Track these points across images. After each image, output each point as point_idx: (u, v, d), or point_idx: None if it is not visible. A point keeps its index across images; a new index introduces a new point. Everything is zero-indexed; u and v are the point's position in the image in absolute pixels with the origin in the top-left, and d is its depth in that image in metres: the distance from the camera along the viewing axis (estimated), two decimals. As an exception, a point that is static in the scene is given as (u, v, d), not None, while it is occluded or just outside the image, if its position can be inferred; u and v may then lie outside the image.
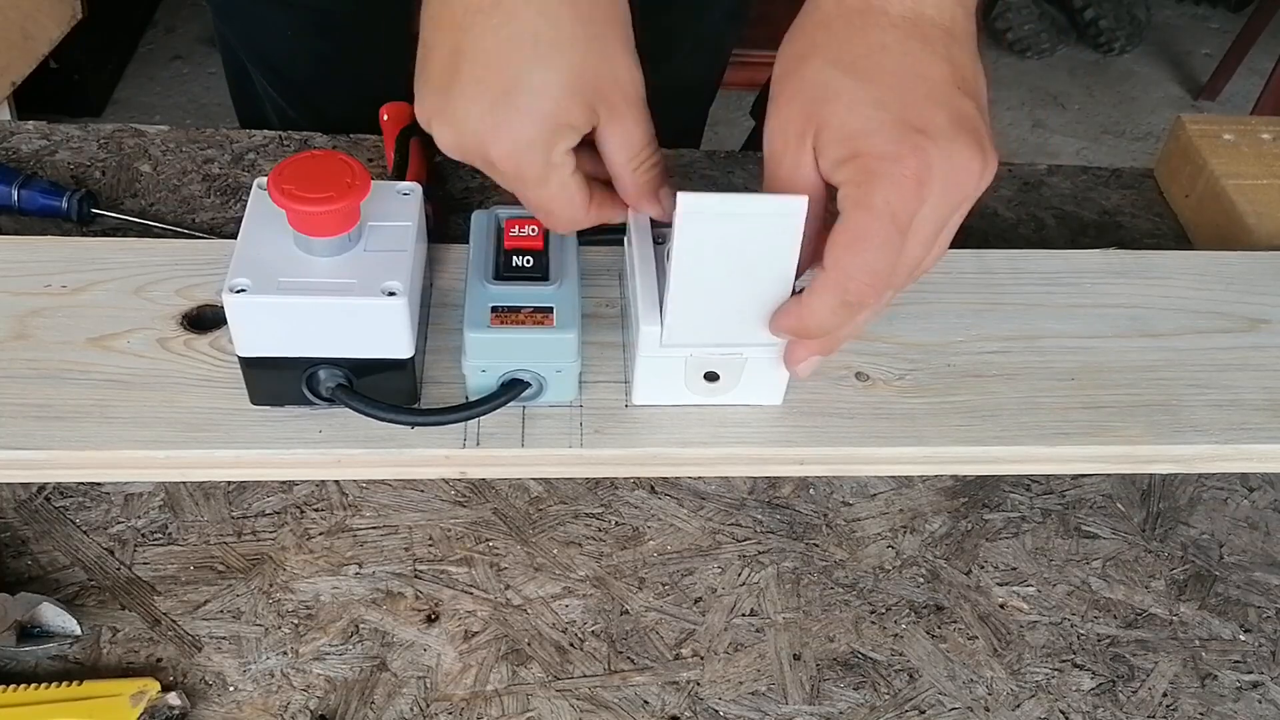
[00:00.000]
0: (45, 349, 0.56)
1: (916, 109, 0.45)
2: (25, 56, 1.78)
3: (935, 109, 0.46)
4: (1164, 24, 2.74)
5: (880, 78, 0.46)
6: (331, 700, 0.51)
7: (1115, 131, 2.44)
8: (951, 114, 0.46)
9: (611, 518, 0.59)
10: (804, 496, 0.60)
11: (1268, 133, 0.77)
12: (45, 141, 0.76)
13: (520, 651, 0.53)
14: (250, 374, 0.53)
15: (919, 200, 0.45)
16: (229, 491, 0.58)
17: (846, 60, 0.46)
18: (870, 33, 0.47)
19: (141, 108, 2.28)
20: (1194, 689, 0.54)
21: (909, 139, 0.45)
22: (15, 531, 0.56)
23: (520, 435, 0.54)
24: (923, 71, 0.46)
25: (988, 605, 0.57)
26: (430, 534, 0.57)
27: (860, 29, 0.47)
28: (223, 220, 0.71)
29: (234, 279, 0.50)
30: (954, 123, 0.46)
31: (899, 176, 0.45)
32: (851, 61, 0.46)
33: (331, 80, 0.85)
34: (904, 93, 0.46)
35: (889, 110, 0.45)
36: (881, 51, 0.46)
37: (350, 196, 0.50)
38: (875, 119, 0.45)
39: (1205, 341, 0.61)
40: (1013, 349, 0.60)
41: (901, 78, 0.46)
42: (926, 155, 0.45)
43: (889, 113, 0.45)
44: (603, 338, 0.58)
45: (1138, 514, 0.61)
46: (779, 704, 0.52)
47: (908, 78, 0.46)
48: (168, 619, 0.53)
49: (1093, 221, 0.77)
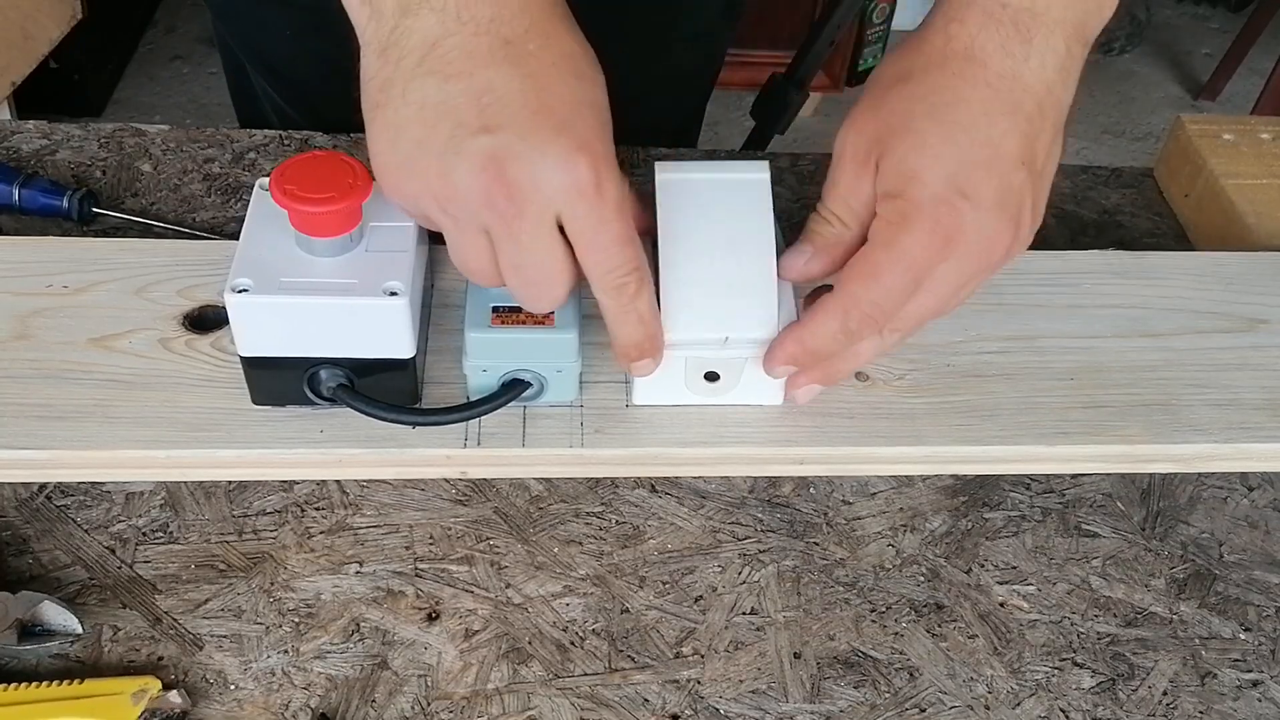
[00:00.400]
0: (47, 349, 0.56)
1: (969, 173, 0.47)
2: (25, 56, 1.79)
3: (989, 178, 0.48)
4: (1164, 24, 2.75)
5: (953, 133, 0.48)
6: (332, 699, 0.51)
7: (1115, 131, 2.44)
8: (1001, 186, 0.48)
9: (612, 516, 0.59)
10: (804, 495, 0.60)
11: (1267, 133, 0.77)
12: (46, 141, 0.76)
13: (521, 650, 0.53)
14: (252, 374, 0.53)
15: (941, 257, 0.48)
16: (230, 490, 0.58)
17: (932, 102, 0.48)
18: (963, 85, 0.48)
19: (141, 107, 2.28)
20: (1194, 687, 0.54)
21: (951, 200, 0.47)
22: (16, 530, 0.56)
23: (521, 435, 0.54)
24: (994, 139, 0.48)
25: (988, 604, 0.57)
26: (431, 533, 0.57)
27: (956, 76, 0.48)
28: (223, 220, 0.71)
29: (236, 279, 0.50)
30: (1000, 196, 0.48)
31: (929, 231, 0.47)
32: (934, 106, 0.48)
33: (331, 80, 0.85)
34: (967, 154, 0.47)
35: (945, 166, 0.47)
36: (965, 106, 0.48)
37: (352, 197, 0.50)
38: (930, 170, 0.47)
39: (1204, 341, 0.61)
40: (1012, 349, 0.60)
41: (972, 139, 0.48)
42: (961, 219, 0.47)
43: (944, 168, 0.47)
44: (603, 338, 0.58)
45: (1138, 513, 0.61)
46: (779, 702, 0.52)
47: (977, 141, 0.48)
48: (169, 618, 0.53)
49: (1092, 221, 0.77)
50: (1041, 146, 0.49)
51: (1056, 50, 0.48)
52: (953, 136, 0.48)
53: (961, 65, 0.48)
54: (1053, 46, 0.48)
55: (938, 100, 0.48)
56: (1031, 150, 0.49)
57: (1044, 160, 0.50)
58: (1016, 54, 0.48)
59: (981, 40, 0.48)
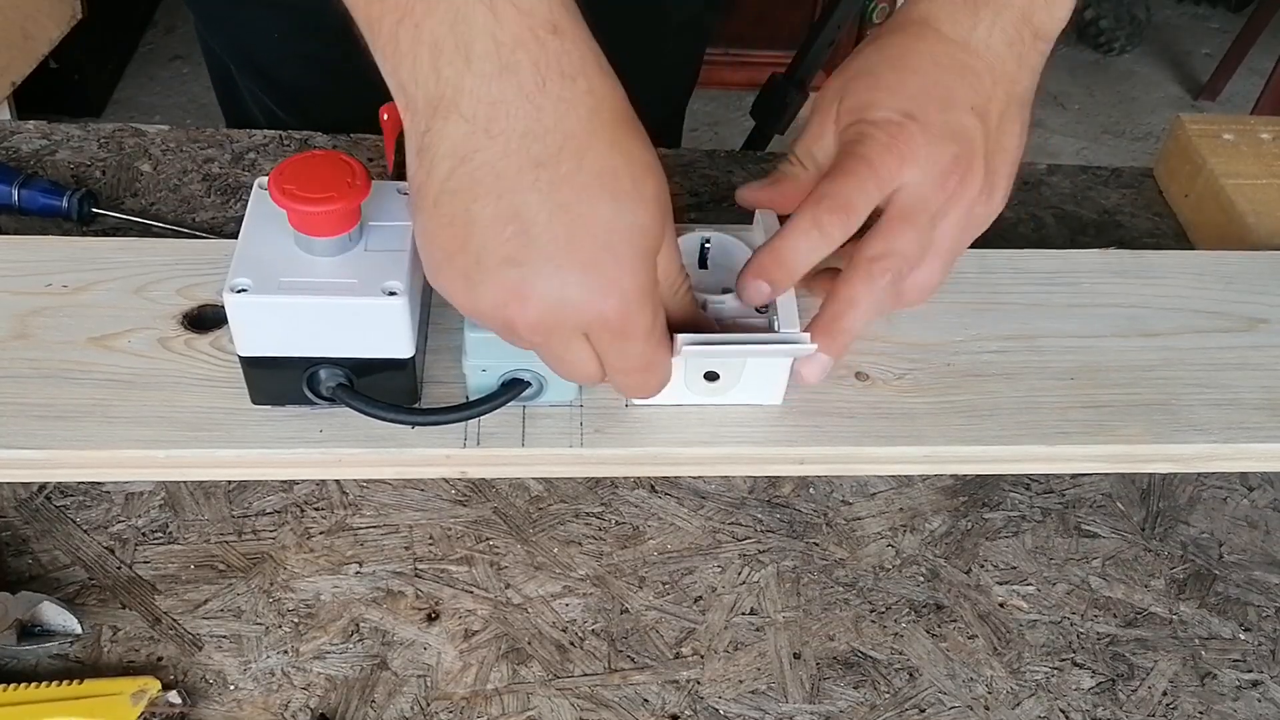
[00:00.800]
0: (46, 349, 0.56)
1: (920, 104, 0.51)
2: (25, 56, 1.79)
3: (938, 111, 0.51)
4: (1164, 24, 2.75)
5: (904, 76, 0.52)
6: (332, 699, 0.51)
7: (1115, 131, 2.44)
8: (950, 121, 0.51)
9: (612, 517, 0.59)
10: (804, 496, 0.60)
11: (1267, 132, 0.77)
12: (45, 141, 0.76)
13: (520, 650, 0.53)
14: (251, 373, 0.53)
15: (898, 173, 0.50)
16: (229, 490, 0.58)
17: (887, 54, 0.54)
18: (916, 43, 0.53)
19: (141, 108, 2.28)
20: (1194, 688, 0.54)
21: (901, 121, 0.51)
22: (16, 530, 0.56)
23: (520, 435, 0.54)
24: (943, 83, 0.52)
25: (987, 604, 0.57)
26: (431, 533, 0.57)
27: (912, 37, 0.53)
28: (223, 220, 0.71)
29: (235, 279, 0.50)
30: (948, 127, 0.51)
31: (883, 144, 0.51)
32: (888, 55, 0.53)
33: (320, 82, 0.85)
34: (918, 91, 0.52)
35: (897, 98, 0.51)
36: (916, 55, 0.53)
37: (351, 196, 0.50)
38: (884, 101, 0.52)
39: (1204, 341, 0.61)
40: (1012, 348, 0.60)
41: (923, 81, 0.52)
42: (911, 136, 0.50)
43: (896, 100, 0.51)
44: (603, 337, 0.58)
45: (1137, 513, 0.61)
46: (779, 703, 0.52)
47: (927, 84, 0.52)
48: (168, 618, 0.53)
49: (1092, 221, 0.77)
50: (994, 109, 0.52)
51: (1005, 29, 0.52)
52: (904, 79, 0.52)
53: (918, 28, 0.53)
54: (1001, 25, 0.52)
55: (893, 53, 0.53)
56: (983, 105, 0.52)
57: (998, 122, 0.53)
58: (964, 23, 0.52)
59: (934, 10, 0.53)
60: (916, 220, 0.51)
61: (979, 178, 0.52)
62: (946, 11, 0.53)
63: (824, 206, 0.50)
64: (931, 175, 0.51)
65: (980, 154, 0.52)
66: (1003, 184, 0.53)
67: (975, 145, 0.52)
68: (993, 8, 0.52)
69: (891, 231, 0.51)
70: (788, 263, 0.51)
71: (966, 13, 0.52)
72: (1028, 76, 0.53)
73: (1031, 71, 0.54)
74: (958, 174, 0.51)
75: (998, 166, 0.53)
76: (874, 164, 0.50)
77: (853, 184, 0.50)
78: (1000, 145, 0.53)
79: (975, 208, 0.53)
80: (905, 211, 0.51)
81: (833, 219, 0.50)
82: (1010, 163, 0.54)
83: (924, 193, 0.51)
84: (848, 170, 0.51)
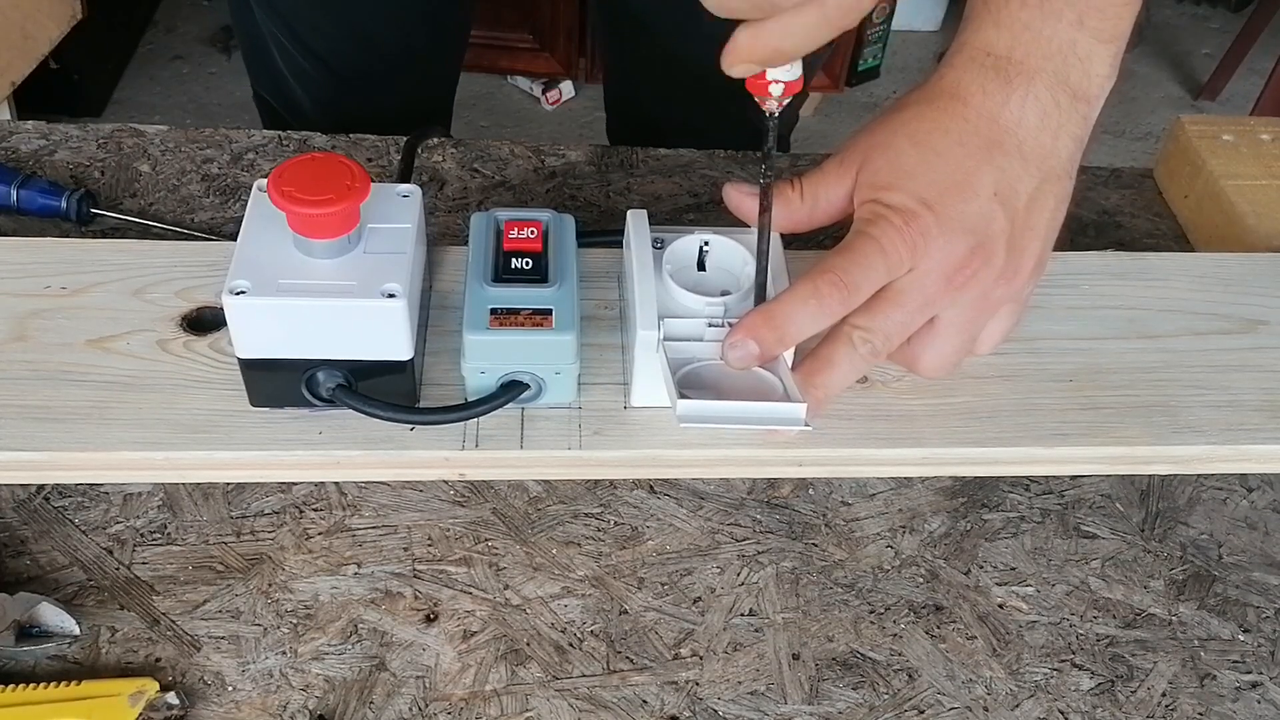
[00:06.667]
0: (44, 350, 0.56)
1: (937, 192, 0.51)
2: (25, 56, 1.79)
3: (955, 199, 0.51)
4: (1164, 24, 2.74)
5: (927, 156, 0.52)
6: (330, 700, 0.51)
7: (1115, 131, 2.44)
8: (967, 210, 0.51)
9: (610, 517, 0.59)
10: (803, 496, 0.60)
11: (1267, 133, 0.77)
12: (44, 141, 0.76)
13: (519, 651, 0.53)
14: (250, 376, 0.53)
15: (908, 260, 0.51)
16: (228, 492, 0.58)
17: (914, 128, 0.53)
18: (944, 117, 0.52)
19: (141, 108, 2.28)
20: (1193, 689, 0.54)
21: (915, 209, 0.51)
22: (14, 531, 0.56)
23: (519, 437, 0.54)
24: (966, 168, 0.51)
25: (987, 605, 0.57)
26: (429, 534, 0.57)
27: (940, 110, 0.52)
28: (221, 220, 0.71)
29: (234, 281, 0.50)
30: (965, 218, 0.51)
31: (897, 230, 0.50)
32: (915, 131, 0.53)
33: (350, 40, 0.88)
34: (938, 176, 0.51)
35: (916, 183, 0.51)
36: (942, 135, 0.52)
37: (350, 199, 0.50)
38: (902, 184, 0.51)
39: (1203, 343, 0.61)
40: (1011, 350, 0.60)
41: (945, 164, 0.52)
42: (925, 226, 0.50)
43: (914, 185, 0.51)
44: (601, 339, 0.58)
45: (1137, 514, 0.61)
46: (778, 704, 0.52)
47: (949, 167, 0.51)
48: (166, 619, 0.53)
49: (1092, 221, 0.77)
50: (1023, 189, 0.52)
51: (1039, 98, 0.51)
52: (926, 159, 0.52)
53: (947, 102, 0.52)
54: (1034, 94, 0.51)
55: (919, 127, 0.53)
56: (1009, 188, 0.52)
57: (1026, 203, 0.52)
58: (995, 95, 0.51)
59: (965, 81, 0.52)
60: (906, 305, 0.51)
61: (999, 263, 0.52)
62: (978, 83, 0.52)
63: (827, 279, 0.50)
64: (942, 268, 0.51)
65: (1001, 240, 0.52)
66: (1029, 263, 0.53)
67: (994, 233, 0.51)
68: (1025, 74, 0.51)
69: (879, 310, 0.52)
70: (780, 327, 0.50)
71: (998, 84, 0.51)
72: (1067, 146, 0.52)
73: (1072, 139, 0.53)
74: (971, 267, 0.51)
75: (1024, 246, 0.52)
76: (885, 250, 0.50)
77: (861, 264, 0.50)
78: (1028, 225, 0.52)
79: (994, 291, 0.53)
80: (898, 294, 0.51)
81: (834, 294, 0.50)
82: (1040, 240, 0.53)
83: (926, 283, 0.51)
84: (857, 249, 0.51)
